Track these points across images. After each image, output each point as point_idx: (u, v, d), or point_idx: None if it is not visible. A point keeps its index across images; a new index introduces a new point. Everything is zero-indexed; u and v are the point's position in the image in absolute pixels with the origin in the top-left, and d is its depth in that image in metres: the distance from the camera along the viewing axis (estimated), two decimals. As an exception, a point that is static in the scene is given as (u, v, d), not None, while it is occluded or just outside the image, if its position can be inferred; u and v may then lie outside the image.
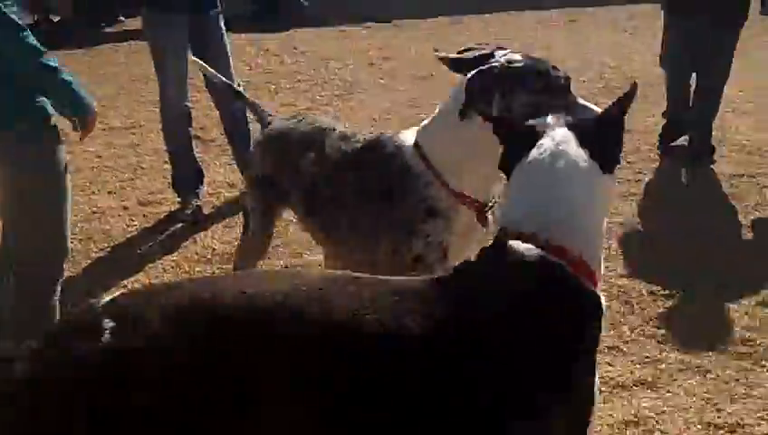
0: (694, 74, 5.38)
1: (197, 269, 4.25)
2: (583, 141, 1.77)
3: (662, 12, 5.46)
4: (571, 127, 1.80)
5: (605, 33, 9.07)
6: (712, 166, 5.34)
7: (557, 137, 1.78)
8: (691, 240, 4.37)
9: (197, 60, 4.01)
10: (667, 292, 3.83)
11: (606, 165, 1.79)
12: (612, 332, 3.49)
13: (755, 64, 7.52)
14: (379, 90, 7.16)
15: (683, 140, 5.52)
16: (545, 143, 1.77)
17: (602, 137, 1.80)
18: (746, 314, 3.63)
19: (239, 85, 4.48)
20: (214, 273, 4.17)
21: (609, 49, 8.21)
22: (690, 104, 5.47)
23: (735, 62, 5.35)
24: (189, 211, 4.81)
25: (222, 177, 5.43)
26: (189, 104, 4.91)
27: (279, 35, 9.43)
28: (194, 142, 5.17)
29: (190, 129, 4.98)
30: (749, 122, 6.10)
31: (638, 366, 3.30)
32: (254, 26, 9.70)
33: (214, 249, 4.44)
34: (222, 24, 4.80)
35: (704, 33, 5.13)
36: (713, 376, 3.24)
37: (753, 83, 7.00)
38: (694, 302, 3.74)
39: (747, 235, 4.48)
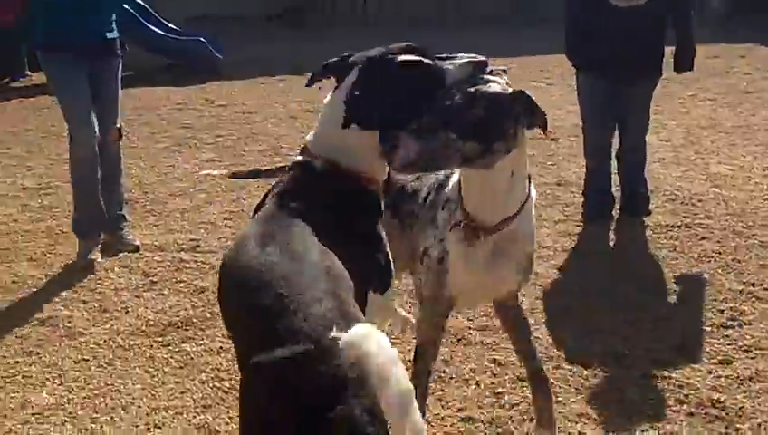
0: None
1: (132, 343, 3.96)
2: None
3: (575, 72, 5.39)
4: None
5: (520, 86, 9.18)
6: (645, 217, 5.34)
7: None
8: (639, 296, 4.33)
9: None
10: (626, 353, 3.76)
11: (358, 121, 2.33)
12: (579, 398, 3.39)
13: (673, 115, 7.72)
14: (305, 145, 6.97)
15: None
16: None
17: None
18: (710, 373, 3.58)
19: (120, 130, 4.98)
20: (151, 347, 3.91)
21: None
22: (611, 159, 5.46)
23: (654, 114, 5.45)
24: (83, 259, 4.82)
25: (150, 239, 5.15)
26: (97, 145, 4.81)
27: (192, 88, 9.21)
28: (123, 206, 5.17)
29: (98, 171, 4.90)
30: (677, 172, 6.19)
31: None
32: (165, 79, 9.46)
33: (148, 320, 4.16)
34: (119, 73, 4.93)
35: (621, 90, 5.18)
36: (687, 442, 3.16)
37: (674, 134, 7.17)
38: (655, 364, 3.66)
39: (696, 288, 4.42)
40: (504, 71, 2.62)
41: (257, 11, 13.03)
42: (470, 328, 3.88)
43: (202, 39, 9.95)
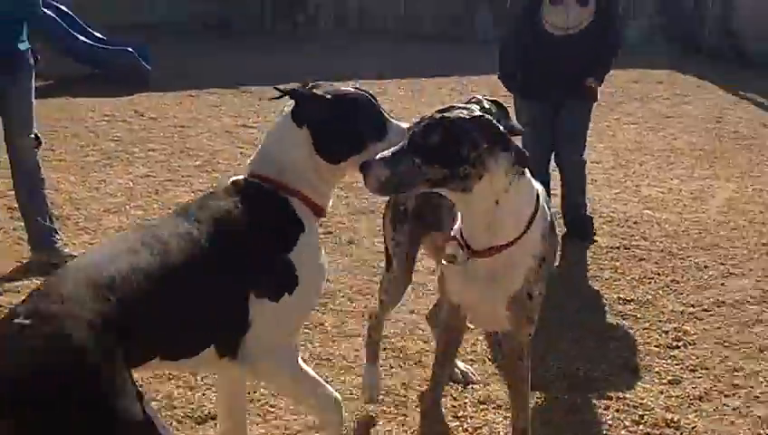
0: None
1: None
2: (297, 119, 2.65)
3: (513, 97, 5.49)
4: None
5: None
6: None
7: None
8: (584, 315, 4.42)
9: None
10: (577, 371, 3.82)
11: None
12: (536, 420, 3.42)
13: (601, 137, 7.92)
14: (242, 161, 6.87)
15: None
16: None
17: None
18: (661, 393, 3.67)
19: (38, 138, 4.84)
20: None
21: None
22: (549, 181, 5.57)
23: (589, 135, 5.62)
24: None
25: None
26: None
27: (120, 100, 8.96)
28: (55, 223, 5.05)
29: None
30: (610, 195, 6.35)
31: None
32: (85, 89, 9.20)
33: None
34: (32, 83, 4.83)
35: (558, 114, 5.36)
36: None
37: (603, 156, 7.36)
38: (608, 384, 3.73)
39: (641, 311, 4.48)
40: (480, 100, 2.71)
41: (185, 19, 12.83)
42: (427, 351, 3.87)
43: (130, 49, 9.72)
